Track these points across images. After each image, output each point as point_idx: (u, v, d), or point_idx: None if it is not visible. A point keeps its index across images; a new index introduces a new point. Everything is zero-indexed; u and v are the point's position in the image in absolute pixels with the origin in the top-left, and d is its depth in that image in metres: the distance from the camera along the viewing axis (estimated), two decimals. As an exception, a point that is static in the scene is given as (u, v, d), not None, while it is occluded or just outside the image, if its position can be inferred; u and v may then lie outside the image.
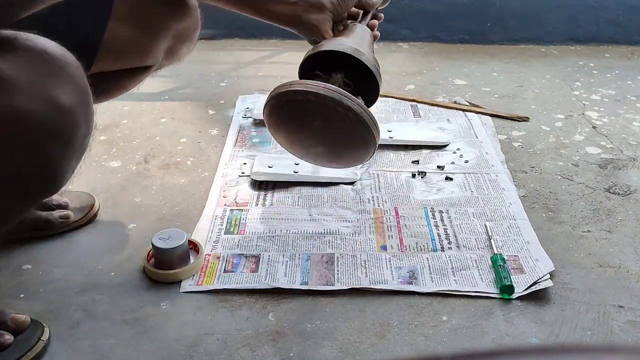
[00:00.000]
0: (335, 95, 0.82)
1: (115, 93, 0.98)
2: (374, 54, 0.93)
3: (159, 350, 0.80)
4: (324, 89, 0.82)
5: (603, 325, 0.84)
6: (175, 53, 0.96)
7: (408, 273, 0.93)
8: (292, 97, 0.84)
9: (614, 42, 2.04)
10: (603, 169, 1.25)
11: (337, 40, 0.88)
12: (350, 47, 0.87)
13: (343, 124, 0.85)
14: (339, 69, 0.89)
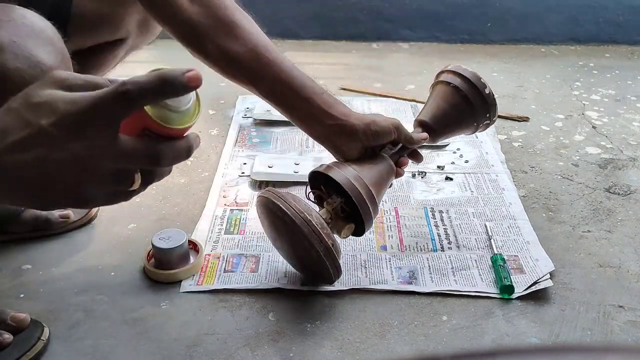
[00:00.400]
0: (304, 228, 0.79)
1: (94, 72, 0.97)
2: (386, 188, 0.90)
3: (159, 350, 0.80)
4: (298, 218, 0.79)
5: (603, 325, 0.84)
6: (148, 26, 0.96)
7: (408, 273, 0.93)
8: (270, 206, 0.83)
9: (614, 42, 2.04)
10: (603, 169, 1.25)
11: (346, 167, 0.86)
12: (349, 179, 0.84)
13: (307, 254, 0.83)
14: (342, 193, 0.86)
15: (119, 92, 0.44)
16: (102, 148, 0.45)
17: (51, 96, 0.45)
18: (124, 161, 0.47)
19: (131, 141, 0.46)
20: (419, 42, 2.05)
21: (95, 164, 0.46)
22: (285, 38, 2.04)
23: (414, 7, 2.04)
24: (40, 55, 0.58)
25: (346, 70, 1.81)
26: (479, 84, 0.93)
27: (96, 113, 0.44)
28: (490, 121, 0.96)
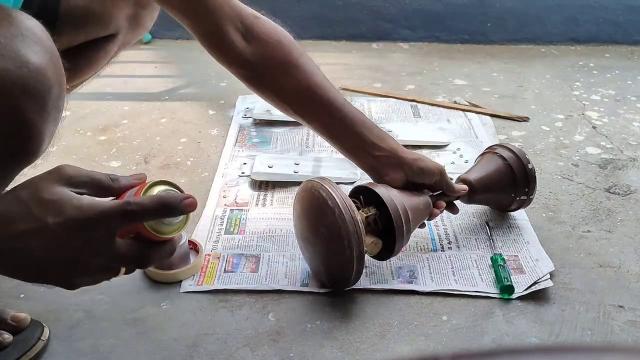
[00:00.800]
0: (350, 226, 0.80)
1: (87, 69, 0.96)
2: (420, 221, 0.93)
3: (159, 351, 0.80)
4: (348, 214, 0.81)
5: (603, 325, 0.84)
6: (138, 21, 0.96)
7: (408, 273, 0.93)
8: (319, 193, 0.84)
9: (614, 42, 2.04)
10: (603, 169, 1.25)
11: (389, 188, 0.89)
12: (391, 197, 0.87)
13: (339, 252, 0.83)
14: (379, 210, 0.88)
15: (123, 210, 0.51)
16: (98, 249, 0.52)
17: (60, 197, 0.52)
18: (115, 260, 0.54)
19: (124, 245, 0.53)
20: (419, 42, 2.06)
21: (90, 260, 0.53)
22: (285, 38, 2.04)
23: (414, 7, 2.04)
24: (29, 55, 0.58)
25: (346, 70, 1.81)
26: (523, 158, 1.01)
27: (100, 223, 0.51)
28: (527, 197, 1.02)
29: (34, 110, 0.58)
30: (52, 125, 0.62)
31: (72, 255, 0.52)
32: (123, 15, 0.93)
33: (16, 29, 0.58)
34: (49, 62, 0.60)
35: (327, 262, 0.87)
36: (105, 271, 0.56)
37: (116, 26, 0.94)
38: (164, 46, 1.95)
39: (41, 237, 0.51)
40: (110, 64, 1.01)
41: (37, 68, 0.58)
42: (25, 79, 0.56)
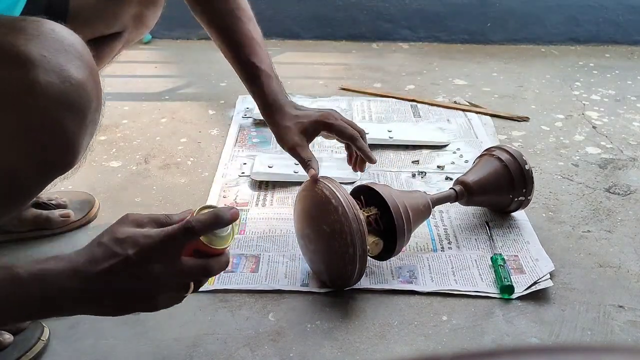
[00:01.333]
0: (353, 223, 0.81)
1: None
2: (420, 222, 0.94)
3: (159, 351, 0.80)
4: (351, 212, 0.82)
5: (603, 325, 0.84)
6: (142, 19, 0.97)
7: (408, 273, 0.93)
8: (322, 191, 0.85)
9: (614, 42, 2.04)
10: (603, 169, 1.25)
11: (390, 188, 0.91)
12: (393, 198, 0.88)
13: (341, 250, 0.83)
14: (381, 211, 0.89)
15: (185, 227, 0.60)
16: (170, 268, 0.60)
17: (132, 232, 0.61)
18: (185, 276, 0.62)
19: (190, 261, 0.61)
20: (419, 42, 2.06)
21: (165, 279, 0.61)
22: (285, 38, 2.04)
23: (414, 7, 2.04)
24: (71, 70, 0.59)
25: (346, 70, 1.81)
26: (520, 160, 1.02)
27: (168, 242, 0.60)
28: (525, 198, 1.02)
29: (74, 123, 0.61)
30: (88, 138, 0.65)
31: (151, 277, 0.60)
32: (128, 14, 0.94)
33: (59, 44, 0.60)
34: (89, 77, 0.62)
35: (329, 260, 0.87)
36: (179, 288, 0.63)
37: (121, 24, 0.95)
38: (164, 46, 1.95)
39: (125, 268, 0.59)
40: (111, 63, 1.01)
41: (78, 83, 0.60)
42: (67, 94, 0.59)
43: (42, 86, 0.57)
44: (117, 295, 0.60)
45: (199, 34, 1.88)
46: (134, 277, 0.59)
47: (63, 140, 0.61)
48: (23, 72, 0.56)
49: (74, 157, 0.64)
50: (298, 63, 1.86)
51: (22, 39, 0.57)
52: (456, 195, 1.00)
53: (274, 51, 1.94)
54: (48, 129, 0.60)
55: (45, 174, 0.64)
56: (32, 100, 0.57)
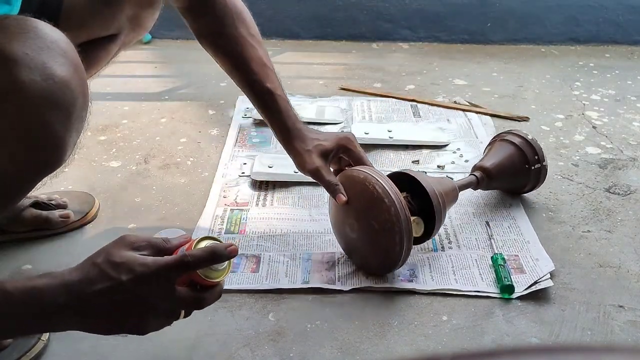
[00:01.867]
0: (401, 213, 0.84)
1: (88, 69, 0.97)
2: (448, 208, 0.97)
3: (159, 351, 0.80)
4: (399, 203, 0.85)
5: (603, 325, 0.84)
6: (139, 21, 0.97)
7: (408, 272, 0.93)
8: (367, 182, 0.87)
9: (614, 42, 2.04)
10: (603, 169, 1.25)
11: (424, 175, 0.97)
12: (428, 182, 0.93)
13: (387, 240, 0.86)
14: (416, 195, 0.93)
15: (182, 262, 0.61)
16: (164, 296, 0.62)
17: (128, 258, 0.60)
18: (177, 305, 0.64)
19: (184, 292, 0.63)
20: (419, 42, 2.06)
21: (157, 306, 0.62)
22: (285, 38, 2.04)
23: (414, 7, 2.04)
24: (54, 67, 0.59)
25: (346, 70, 1.81)
26: (521, 133, 1.11)
27: (164, 274, 0.61)
28: (541, 164, 1.08)
29: (59, 121, 0.60)
30: (75, 135, 0.65)
31: (143, 304, 0.61)
32: (125, 15, 0.94)
33: (42, 41, 0.60)
34: (73, 74, 0.61)
35: (372, 252, 0.90)
36: (169, 316, 0.65)
37: (118, 26, 0.94)
38: (164, 46, 1.95)
39: (118, 293, 0.59)
40: (110, 64, 1.01)
41: (62, 80, 0.59)
42: (51, 91, 0.58)
43: (26, 85, 0.57)
44: (108, 317, 0.61)
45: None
46: (126, 302, 0.60)
47: (49, 139, 0.61)
48: (6, 71, 0.56)
49: (61, 155, 0.63)
50: (298, 63, 1.86)
51: (4, 37, 0.57)
52: (477, 180, 1.05)
53: (274, 51, 1.94)
54: (33, 128, 0.59)
55: (33, 173, 0.64)
56: (15, 99, 0.57)
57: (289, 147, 0.96)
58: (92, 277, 0.60)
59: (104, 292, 0.59)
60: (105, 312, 0.61)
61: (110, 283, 0.59)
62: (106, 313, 0.61)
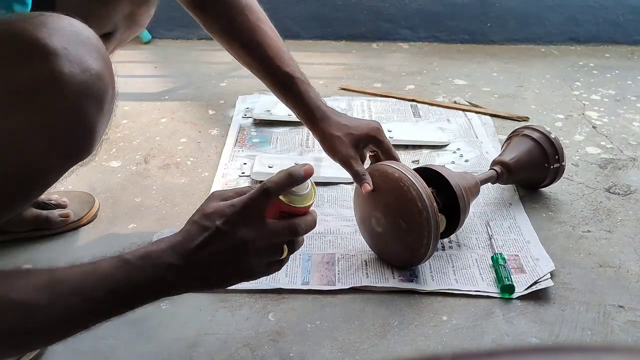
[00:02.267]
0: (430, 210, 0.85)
1: None
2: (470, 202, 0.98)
3: (159, 351, 0.80)
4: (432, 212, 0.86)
5: (603, 325, 0.84)
6: (135, 19, 0.97)
7: (409, 272, 0.93)
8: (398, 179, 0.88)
9: (614, 42, 2.04)
10: (603, 169, 1.25)
11: (448, 169, 0.99)
12: (452, 176, 0.95)
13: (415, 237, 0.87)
14: (439, 190, 0.94)
15: (263, 189, 0.64)
16: (257, 230, 0.64)
17: (218, 206, 0.65)
18: (273, 237, 0.65)
19: (275, 222, 0.66)
20: (419, 42, 2.06)
21: (255, 242, 0.64)
22: (285, 38, 2.02)
23: (414, 7, 2.04)
24: (89, 61, 0.62)
25: (346, 70, 1.81)
26: (544, 131, 1.12)
27: (249, 208, 0.64)
28: (560, 164, 1.10)
29: (93, 111, 0.64)
30: (104, 126, 0.69)
31: (242, 244, 0.64)
32: (120, 13, 0.94)
33: (78, 37, 0.63)
34: (105, 67, 0.65)
35: (396, 248, 0.91)
36: (270, 251, 0.66)
37: (113, 24, 0.94)
38: (164, 46, 1.95)
39: (215, 239, 0.63)
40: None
41: (97, 73, 0.63)
42: (88, 83, 0.62)
43: (66, 76, 0.60)
44: (215, 266, 0.64)
45: (199, 34, 1.88)
46: (225, 246, 0.63)
47: (84, 128, 0.64)
48: (48, 64, 0.59)
49: (92, 144, 0.67)
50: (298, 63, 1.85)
51: (45, 32, 0.60)
52: (497, 175, 1.07)
53: (274, 51, 1.94)
54: (71, 117, 0.62)
55: (66, 161, 0.67)
56: (57, 89, 0.60)
57: (315, 130, 0.95)
58: (192, 233, 0.64)
59: (204, 243, 0.63)
60: (210, 263, 0.63)
61: (207, 233, 0.63)
62: (211, 263, 0.64)
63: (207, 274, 0.65)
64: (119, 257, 0.62)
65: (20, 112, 0.60)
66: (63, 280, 0.59)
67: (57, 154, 0.64)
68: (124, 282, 0.61)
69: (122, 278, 0.61)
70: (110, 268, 0.61)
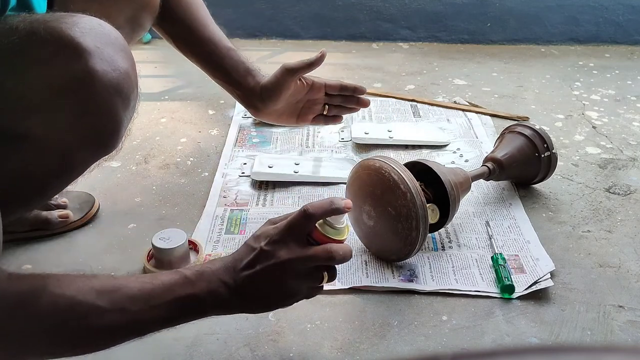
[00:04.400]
0: (417, 198, 0.87)
1: None
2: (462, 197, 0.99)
3: (159, 350, 0.80)
4: (415, 190, 0.87)
5: (603, 325, 0.84)
6: (138, 21, 0.97)
7: (409, 272, 0.93)
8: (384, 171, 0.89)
9: (614, 42, 2.04)
10: (603, 169, 1.25)
11: (439, 164, 0.99)
12: (442, 170, 0.96)
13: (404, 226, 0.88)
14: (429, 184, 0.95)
15: (303, 212, 0.68)
16: (297, 252, 0.67)
17: (266, 229, 0.70)
18: (311, 260, 0.68)
19: (314, 246, 0.69)
20: (419, 42, 2.06)
21: (293, 263, 0.67)
22: (285, 38, 2.04)
23: (414, 7, 2.04)
24: (118, 60, 0.66)
25: (346, 70, 1.81)
26: (528, 123, 1.16)
27: (290, 229, 0.68)
28: (549, 152, 1.11)
29: (121, 108, 0.67)
30: (128, 122, 0.72)
31: (281, 265, 0.67)
32: (122, 16, 0.94)
33: (107, 37, 0.66)
34: (131, 67, 0.68)
35: (389, 238, 0.91)
36: (310, 276, 0.69)
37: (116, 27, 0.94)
38: (164, 46, 1.94)
39: (259, 260, 0.67)
40: None
41: (125, 71, 0.66)
42: (117, 80, 0.65)
43: (99, 74, 0.63)
44: (258, 285, 0.67)
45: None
46: (268, 265, 0.67)
47: (113, 123, 0.67)
48: (82, 61, 0.62)
49: (118, 138, 0.70)
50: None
51: (78, 32, 0.63)
52: (489, 171, 1.07)
53: (274, 51, 1.94)
54: (102, 112, 0.66)
55: (95, 154, 0.71)
56: (90, 86, 0.63)
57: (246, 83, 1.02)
58: (241, 253, 0.69)
59: (250, 262, 0.67)
60: (254, 282, 0.67)
61: (254, 253, 0.67)
62: (255, 282, 0.67)
63: (253, 293, 0.68)
64: (176, 271, 0.66)
65: (57, 106, 0.63)
66: (123, 287, 0.61)
67: (88, 147, 0.68)
68: (182, 293, 0.64)
69: (181, 289, 0.64)
70: (170, 280, 0.64)
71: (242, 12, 1.98)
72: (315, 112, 1.07)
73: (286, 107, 1.04)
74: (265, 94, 1.00)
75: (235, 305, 0.69)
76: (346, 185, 0.98)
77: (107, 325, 0.60)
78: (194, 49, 1.01)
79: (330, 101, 1.07)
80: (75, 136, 0.66)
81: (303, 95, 1.04)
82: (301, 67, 0.99)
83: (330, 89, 1.06)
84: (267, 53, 1.94)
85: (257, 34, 2.03)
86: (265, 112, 1.04)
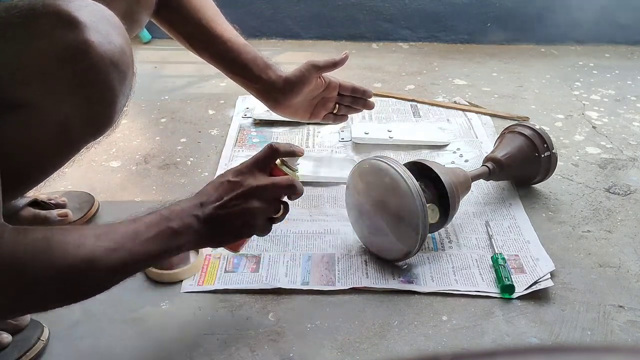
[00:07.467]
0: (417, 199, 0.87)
1: None
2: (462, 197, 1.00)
3: (159, 350, 0.80)
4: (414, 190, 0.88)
5: (603, 325, 0.84)
6: (134, 17, 0.97)
7: (409, 272, 0.93)
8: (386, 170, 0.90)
9: (614, 42, 2.03)
10: (603, 169, 1.25)
11: (438, 164, 1.00)
12: (442, 170, 0.96)
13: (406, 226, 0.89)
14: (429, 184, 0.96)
15: (270, 146, 0.76)
16: (263, 180, 0.74)
17: (231, 168, 0.76)
18: (275, 187, 0.75)
19: (277, 177, 0.76)
20: (419, 42, 2.06)
21: (260, 190, 0.73)
22: (285, 38, 2.04)
23: (414, 7, 2.04)
24: (113, 35, 0.67)
25: (346, 70, 1.80)
26: (528, 123, 1.16)
27: (257, 162, 0.76)
28: (550, 152, 1.11)
29: (117, 82, 0.68)
30: (124, 100, 0.72)
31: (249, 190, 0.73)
32: (117, 11, 0.93)
33: (101, 14, 0.67)
34: (127, 44, 0.70)
35: (389, 239, 0.91)
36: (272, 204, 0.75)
37: None
38: (164, 46, 1.95)
39: (226, 192, 0.73)
40: None
41: (121, 46, 0.68)
42: (113, 53, 0.66)
43: (95, 45, 0.64)
44: (225, 216, 0.72)
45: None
46: (234, 195, 0.72)
47: (108, 96, 0.68)
48: (78, 32, 0.63)
49: (114, 114, 0.71)
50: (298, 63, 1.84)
51: (73, 7, 0.64)
52: (489, 171, 1.08)
53: (274, 51, 1.94)
54: (98, 83, 0.66)
55: (91, 127, 0.71)
56: (87, 56, 0.64)
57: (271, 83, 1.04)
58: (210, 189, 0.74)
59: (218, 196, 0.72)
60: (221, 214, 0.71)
61: (222, 187, 0.73)
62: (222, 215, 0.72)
63: (222, 223, 0.72)
64: (155, 212, 0.70)
65: (54, 75, 0.64)
66: (116, 228, 0.65)
67: (84, 118, 0.68)
68: (162, 227, 0.68)
69: (161, 225, 0.68)
70: (151, 219, 0.68)
71: (242, 12, 1.98)
72: (327, 109, 1.10)
73: (303, 102, 1.06)
74: (288, 87, 1.02)
75: (207, 236, 0.72)
76: (346, 186, 0.98)
77: (111, 264, 0.63)
78: (209, 46, 1.01)
79: (341, 101, 1.10)
80: (72, 106, 0.66)
81: (320, 92, 1.07)
82: (326, 65, 1.03)
83: (343, 89, 1.09)
84: (267, 53, 1.91)
85: (257, 34, 2.03)
86: (285, 105, 1.05)
